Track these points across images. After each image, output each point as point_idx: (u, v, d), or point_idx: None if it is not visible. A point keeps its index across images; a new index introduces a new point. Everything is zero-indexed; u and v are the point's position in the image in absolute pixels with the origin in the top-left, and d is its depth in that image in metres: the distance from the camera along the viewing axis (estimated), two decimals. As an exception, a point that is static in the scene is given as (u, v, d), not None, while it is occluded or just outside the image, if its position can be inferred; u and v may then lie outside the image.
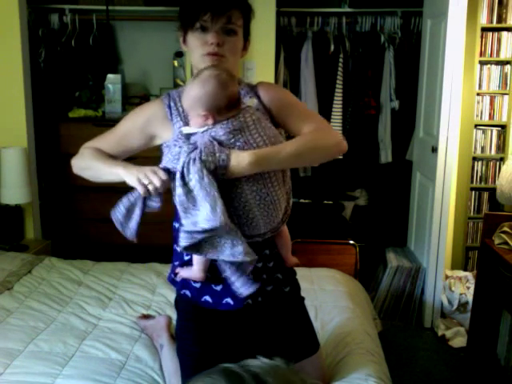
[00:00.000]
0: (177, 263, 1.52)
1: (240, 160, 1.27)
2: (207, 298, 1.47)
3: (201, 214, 1.24)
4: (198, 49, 1.40)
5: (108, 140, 1.50)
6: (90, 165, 1.46)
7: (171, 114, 1.43)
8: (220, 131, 1.31)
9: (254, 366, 0.66)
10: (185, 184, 1.26)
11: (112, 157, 1.47)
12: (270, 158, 1.31)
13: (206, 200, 1.23)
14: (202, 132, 1.32)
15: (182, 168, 1.26)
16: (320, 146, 1.40)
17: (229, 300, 1.45)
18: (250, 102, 1.41)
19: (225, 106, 1.32)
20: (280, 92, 1.55)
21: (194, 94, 1.32)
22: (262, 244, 1.45)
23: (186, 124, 1.40)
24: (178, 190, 1.27)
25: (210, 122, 1.32)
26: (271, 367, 0.66)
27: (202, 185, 1.24)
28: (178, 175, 1.26)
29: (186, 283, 1.50)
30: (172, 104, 1.44)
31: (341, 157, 3.52)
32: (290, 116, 1.44)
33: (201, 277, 1.44)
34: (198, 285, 1.47)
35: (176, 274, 1.52)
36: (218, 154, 1.26)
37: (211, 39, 1.37)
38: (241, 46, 1.45)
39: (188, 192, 1.26)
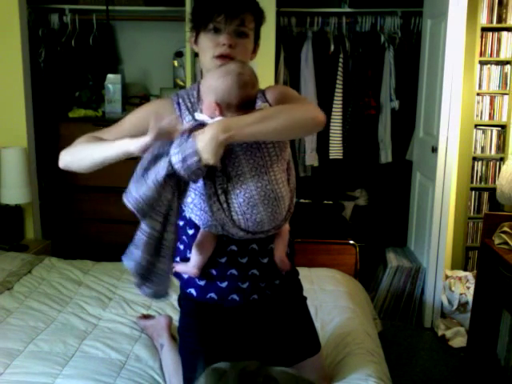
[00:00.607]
0: (177, 259, 1.52)
1: (206, 134, 1.22)
2: (212, 295, 1.48)
3: (138, 188, 1.24)
4: (209, 50, 1.40)
5: (110, 132, 1.46)
6: (82, 147, 1.38)
7: (180, 110, 1.44)
8: None
9: (271, 370, 0.69)
10: (152, 162, 1.26)
11: None
12: (235, 122, 1.25)
13: (149, 186, 1.23)
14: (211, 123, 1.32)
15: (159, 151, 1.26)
16: (292, 114, 1.32)
17: (234, 296, 1.47)
18: (263, 105, 1.42)
19: (235, 105, 1.32)
20: (281, 89, 1.60)
21: (212, 82, 1.33)
22: (267, 239, 1.47)
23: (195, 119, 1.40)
24: (148, 156, 1.26)
25: (217, 113, 1.32)
26: (284, 372, 0.68)
27: (157, 175, 1.23)
28: (155, 150, 1.25)
29: (191, 281, 1.50)
30: (181, 101, 1.46)
31: (341, 157, 3.57)
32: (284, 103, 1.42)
33: (195, 273, 1.45)
34: (202, 282, 1.48)
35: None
36: (184, 144, 1.23)
37: (223, 40, 1.38)
38: (251, 48, 1.46)
39: (149, 167, 1.25)
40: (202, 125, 1.29)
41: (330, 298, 2.31)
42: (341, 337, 1.94)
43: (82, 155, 1.38)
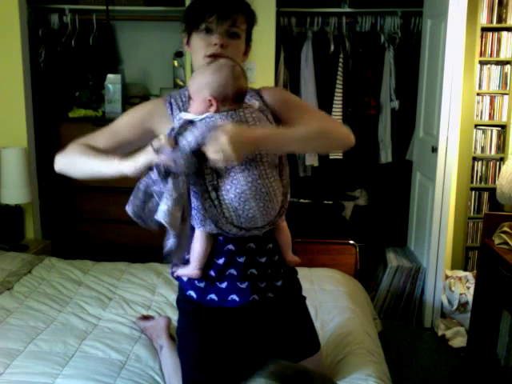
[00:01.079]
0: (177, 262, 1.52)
1: (241, 135, 1.24)
2: (212, 296, 1.47)
3: (161, 207, 1.26)
4: (201, 50, 1.42)
5: (104, 134, 1.47)
6: (77, 158, 1.40)
7: (171, 109, 1.45)
8: (219, 122, 1.32)
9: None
10: (163, 176, 1.27)
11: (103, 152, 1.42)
12: (274, 136, 1.31)
13: (169, 199, 1.25)
14: (200, 120, 1.32)
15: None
16: (331, 134, 1.40)
17: (234, 297, 1.46)
18: (252, 102, 1.43)
19: (231, 97, 1.34)
20: (283, 93, 1.62)
21: (205, 78, 1.35)
22: (265, 238, 1.47)
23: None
24: (154, 176, 1.27)
25: (213, 109, 1.34)
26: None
27: (176, 185, 1.25)
28: (158, 168, 1.26)
29: (190, 284, 1.50)
30: (172, 100, 1.47)
31: (341, 157, 3.57)
32: (295, 112, 1.46)
33: (197, 274, 1.45)
34: (202, 284, 1.48)
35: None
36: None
37: (215, 40, 1.40)
38: (243, 49, 1.48)
39: (162, 183, 1.27)
40: (190, 122, 1.31)
41: (330, 298, 2.31)
42: (341, 337, 1.94)
43: (77, 166, 1.40)
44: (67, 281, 2.46)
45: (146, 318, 2.10)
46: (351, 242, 3.15)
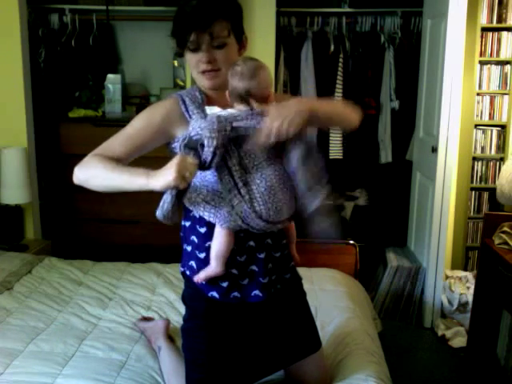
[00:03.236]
0: (193, 262, 1.51)
1: (289, 108, 1.33)
2: (235, 293, 1.48)
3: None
4: (194, 67, 1.46)
5: (119, 140, 1.45)
6: (100, 172, 1.38)
7: (186, 107, 1.45)
8: (241, 124, 1.38)
9: None
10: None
11: (121, 160, 1.42)
12: (311, 101, 1.44)
13: None
14: (221, 113, 1.38)
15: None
16: (346, 116, 1.55)
17: (257, 292, 1.48)
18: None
19: (237, 94, 1.40)
20: (286, 97, 1.66)
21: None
22: (279, 234, 1.52)
23: (204, 115, 1.44)
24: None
25: (228, 99, 1.43)
26: None
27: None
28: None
29: (212, 285, 1.48)
30: (186, 99, 1.47)
31: (341, 157, 3.57)
32: None
33: (220, 271, 1.44)
34: (225, 284, 1.47)
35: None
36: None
37: (202, 58, 1.42)
38: (235, 51, 1.48)
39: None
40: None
41: (330, 298, 2.31)
42: (341, 337, 1.94)
43: (99, 181, 1.41)
44: (67, 281, 2.46)
45: (145, 319, 2.10)
46: (351, 241, 3.14)
